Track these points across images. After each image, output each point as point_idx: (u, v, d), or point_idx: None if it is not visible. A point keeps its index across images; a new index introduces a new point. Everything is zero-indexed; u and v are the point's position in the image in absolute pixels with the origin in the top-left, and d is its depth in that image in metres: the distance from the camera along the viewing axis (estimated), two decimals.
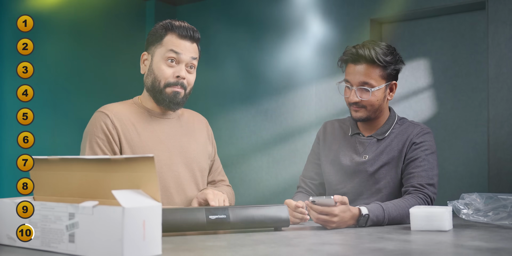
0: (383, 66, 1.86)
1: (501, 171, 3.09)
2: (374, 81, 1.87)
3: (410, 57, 3.59)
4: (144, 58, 1.82)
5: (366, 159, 1.93)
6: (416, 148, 1.87)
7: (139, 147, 1.74)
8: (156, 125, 1.81)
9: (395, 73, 1.93)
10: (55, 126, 3.58)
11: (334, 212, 1.54)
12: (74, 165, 1.13)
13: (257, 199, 4.05)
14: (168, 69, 1.75)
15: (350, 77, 1.90)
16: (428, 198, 1.78)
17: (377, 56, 1.85)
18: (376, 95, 1.88)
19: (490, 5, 3.17)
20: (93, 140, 1.71)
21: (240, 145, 4.18)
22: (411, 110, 3.55)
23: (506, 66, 3.12)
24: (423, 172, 1.82)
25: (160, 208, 1.06)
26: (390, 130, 1.95)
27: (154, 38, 1.78)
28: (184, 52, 1.75)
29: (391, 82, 1.92)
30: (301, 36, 3.92)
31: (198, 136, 1.92)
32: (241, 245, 1.24)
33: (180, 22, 1.79)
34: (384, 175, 1.89)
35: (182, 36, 1.76)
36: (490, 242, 1.31)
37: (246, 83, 4.17)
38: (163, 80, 1.75)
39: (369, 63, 1.86)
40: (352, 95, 1.89)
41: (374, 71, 1.86)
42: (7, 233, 1.17)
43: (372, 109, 1.90)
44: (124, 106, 1.81)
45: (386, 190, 1.89)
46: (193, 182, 1.84)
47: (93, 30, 3.97)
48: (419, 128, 1.93)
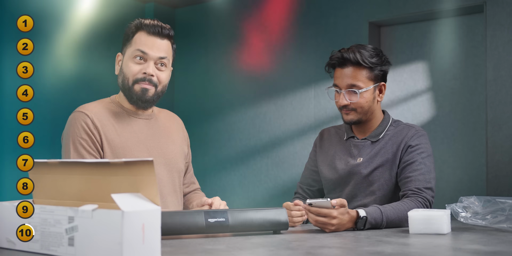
0: (369, 67, 1.89)
1: (499, 174, 3.09)
2: (362, 83, 1.89)
3: (409, 60, 3.60)
4: (118, 59, 1.82)
5: (360, 161, 1.94)
6: (412, 151, 1.88)
7: (120, 147, 1.72)
8: (135, 125, 1.80)
9: (383, 74, 1.94)
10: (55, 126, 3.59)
11: (332, 214, 1.54)
12: (73, 169, 1.13)
13: (256, 202, 4.05)
14: (136, 66, 1.74)
15: (338, 81, 1.92)
16: (427, 201, 1.79)
17: (362, 58, 1.87)
18: (365, 96, 1.90)
19: (488, 9, 3.18)
20: (77, 142, 1.69)
21: (239, 147, 4.19)
22: (409, 113, 3.56)
23: (504, 69, 3.13)
24: (420, 176, 1.82)
25: (160, 212, 1.06)
26: (384, 132, 1.96)
27: (126, 37, 1.79)
28: (152, 50, 1.73)
29: (379, 83, 1.94)
30: (299, 39, 3.92)
31: (175, 137, 1.91)
32: (240, 248, 1.24)
33: (151, 20, 1.78)
34: (378, 177, 1.90)
35: (151, 33, 1.75)
36: (488, 245, 1.32)
37: (246, 86, 4.17)
38: (131, 77, 1.74)
39: (355, 66, 1.88)
40: (341, 99, 1.91)
41: (360, 73, 1.89)
42: (7, 237, 1.17)
43: (362, 111, 1.92)
44: (102, 106, 1.79)
45: (380, 192, 1.90)
46: (171, 183, 1.83)
47: (93, 32, 3.98)
48: (413, 130, 1.93)
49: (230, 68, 4.25)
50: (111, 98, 1.84)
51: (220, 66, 4.30)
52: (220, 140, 4.28)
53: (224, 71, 4.28)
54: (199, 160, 4.16)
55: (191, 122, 3.96)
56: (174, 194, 1.84)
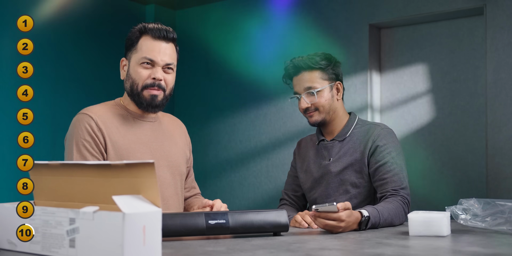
0: (320, 68, 2.00)
1: (499, 176, 3.09)
2: (317, 83, 2.01)
3: (409, 62, 3.60)
4: (123, 63, 1.83)
5: (330, 161, 2.02)
6: (381, 151, 1.95)
7: (124, 149, 1.73)
8: (139, 127, 1.81)
9: (336, 74, 2.05)
10: (55, 126, 3.60)
11: (341, 217, 1.58)
12: (74, 171, 1.13)
13: (256, 203, 4.05)
14: (145, 71, 1.75)
15: (296, 88, 2.05)
16: (405, 199, 1.88)
17: (312, 62, 2.00)
18: (323, 96, 2.01)
19: (488, 11, 3.19)
20: (80, 144, 1.69)
21: (239, 149, 4.19)
22: (409, 115, 3.56)
23: (504, 71, 3.14)
24: (395, 177, 1.90)
25: (160, 214, 1.06)
26: (351, 131, 2.04)
27: (130, 42, 1.79)
28: (160, 56, 1.75)
29: (335, 83, 2.04)
30: (300, 41, 3.93)
31: (178, 140, 1.92)
32: (241, 250, 1.25)
33: (154, 24, 1.79)
34: (349, 175, 1.97)
35: (156, 37, 1.76)
36: (488, 247, 1.32)
37: (246, 87, 4.18)
38: (140, 83, 1.76)
39: (308, 70, 2.01)
40: (302, 102, 2.02)
41: (314, 75, 2.01)
42: (8, 238, 1.18)
43: (324, 110, 2.01)
44: (107, 108, 1.80)
45: (355, 190, 1.97)
46: (173, 186, 1.84)
47: (93, 33, 3.98)
48: (379, 128, 2.01)
49: (230, 69, 4.26)
50: (115, 101, 1.86)
51: (220, 67, 4.31)
52: (220, 141, 4.29)
53: (224, 72, 4.29)
54: (199, 161, 4.16)
55: (191, 124, 3.97)
56: (176, 197, 1.84)
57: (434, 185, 3.43)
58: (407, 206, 1.87)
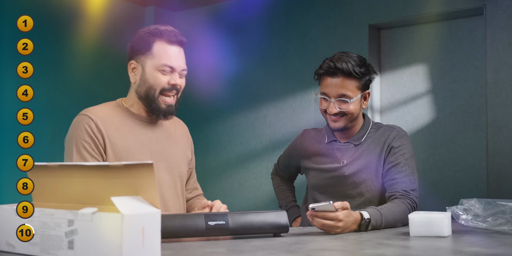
0: (358, 78, 1.94)
1: (500, 176, 3.09)
2: (351, 92, 1.94)
3: (409, 63, 3.60)
4: (132, 66, 1.78)
5: (344, 164, 1.99)
6: (396, 152, 1.94)
7: (123, 151, 1.72)
8: (139, 129, 1.80)
9: (369, 83, 2.01)
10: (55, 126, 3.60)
11: (339, 217, 1.56)
12: (73, 172, 1.13)
13: (256, 204, 4.04)
14: (164, 77, 1.75)
15: (328, 90, 1.95)
16: (414, 203, 1.86)
17: (353, 69, 1.92)
18: (354, 104, 1.96)
19: (488, 11, 3.19)
20: (80, 145, 1.69)
21: (239, 150, 4.19)
22: (409, 116, 3.56)
23: (504, 71, 3.13)
24: (406, 178, 1.89)
25: (159, 215, 1.06)
26: (366, 135, 2.02)
27: (142, 46, 1.75)
28: (178, 62, 1.76)
29: (365, 92, 2.00)
30: (299, 41, 3.93)
31: (179, 141, 1.91)
32: (240, 251, 1.24)
33: (165, 26, 1.78)
34: (364, 178, 1.96)
35: (171, 42, 1.76)
36: (489, 248, 1.32)
37: (245, 89, 4.18)
38: (158, 88, 1.75)
39: (346, 76, 1.93)
40: (331, 107, 1.95)
41: (350, 83, 1.93)
42: (6, 240, 1.17)
43: (352, 117, 1.97)
44: (107, 109, 1.79)
45: (369, 194, 1.96)
46: (173, 187, 1.83)
47: (92, 35, 3.98)
48: (395, 131, 2.00)
49: (230, 70, 4.25)
50: (116, 102, 1.84)
51: (220, 69, 4.31)
52: (220, 143, 4.28)
53: (224, 73, 4.29)
54: (200, 163, 4.15)
55: (191, 125, 3.94)
56: (176, 199, 1.83)
57: (434, 185, 3.43)
58: (414, 210, 1.83)
